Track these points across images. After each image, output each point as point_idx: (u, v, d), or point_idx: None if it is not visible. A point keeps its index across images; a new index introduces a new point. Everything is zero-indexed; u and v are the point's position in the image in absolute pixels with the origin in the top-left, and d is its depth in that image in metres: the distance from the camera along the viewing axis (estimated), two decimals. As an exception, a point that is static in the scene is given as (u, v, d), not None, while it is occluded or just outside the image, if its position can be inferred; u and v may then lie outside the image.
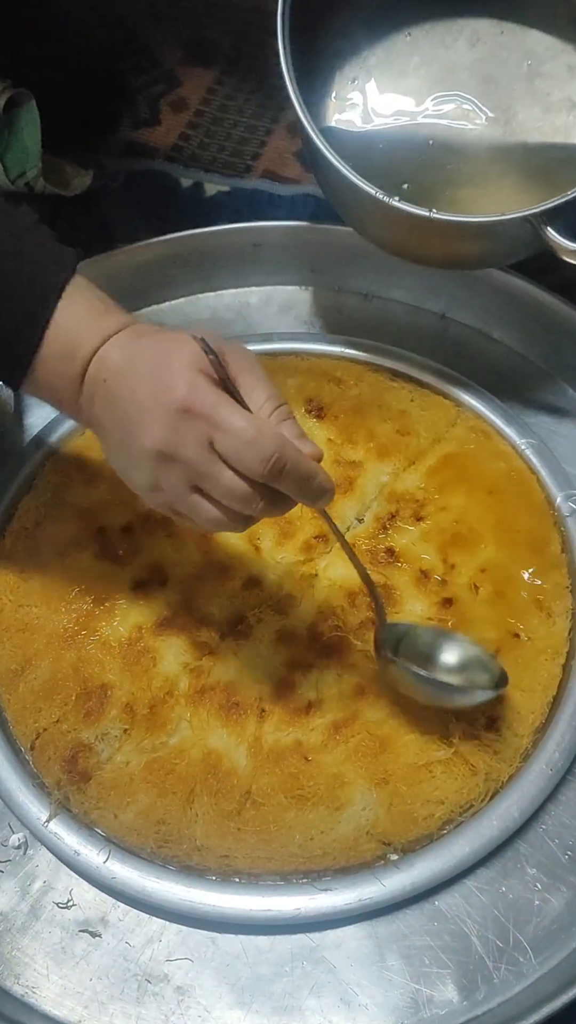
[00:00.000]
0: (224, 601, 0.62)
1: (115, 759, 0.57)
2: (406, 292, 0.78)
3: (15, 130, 0.78)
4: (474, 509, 0.65)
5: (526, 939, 0.52)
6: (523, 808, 0.55)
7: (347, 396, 0.71)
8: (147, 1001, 0.52)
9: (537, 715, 0.58)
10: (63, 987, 0.52)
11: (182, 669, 0.60)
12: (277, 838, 0.54)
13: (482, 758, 0.56)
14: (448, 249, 0.68)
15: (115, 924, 0.54)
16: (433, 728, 0.56)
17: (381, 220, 0.66)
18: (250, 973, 0.52)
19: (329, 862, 0.54)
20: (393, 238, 0.69)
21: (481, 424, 0.71)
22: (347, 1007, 0.51)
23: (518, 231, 0.62)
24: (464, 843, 0.54)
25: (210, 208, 0.86)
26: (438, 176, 0.69)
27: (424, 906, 0.53)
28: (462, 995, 0.51)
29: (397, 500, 0.66)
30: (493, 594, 0.61)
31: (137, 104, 0.92)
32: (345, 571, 0.63)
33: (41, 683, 0.60)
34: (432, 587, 0.62)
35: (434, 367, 0.74)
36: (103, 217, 0.86)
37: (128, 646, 0.60)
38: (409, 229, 0.65)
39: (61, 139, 0.81)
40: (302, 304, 0.80)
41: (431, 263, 0.72)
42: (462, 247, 0.68)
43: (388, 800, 0.55)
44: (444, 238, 0.66)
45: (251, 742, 0.57)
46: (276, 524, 0.65)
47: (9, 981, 0.53)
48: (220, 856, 0.54)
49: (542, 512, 0.66)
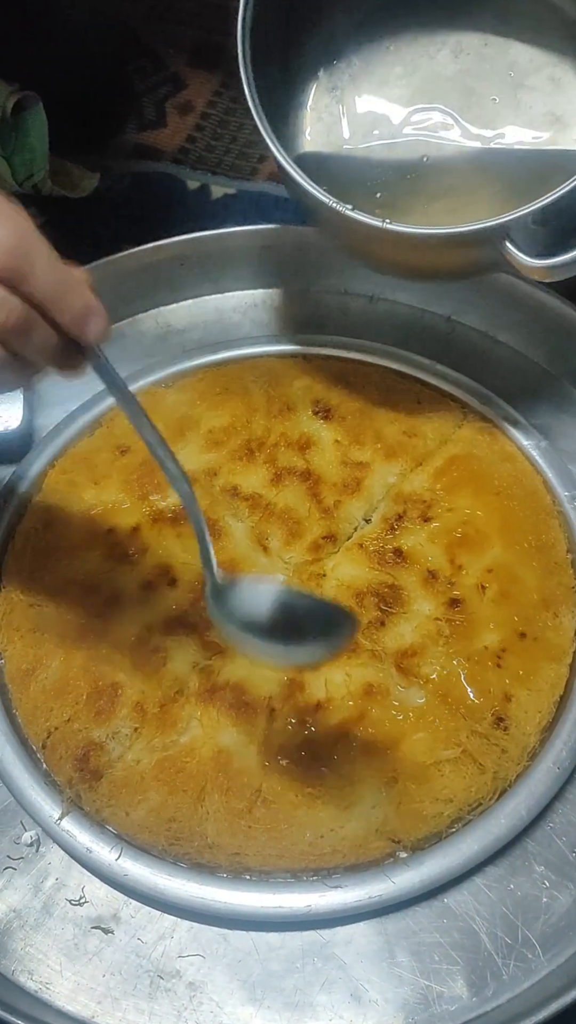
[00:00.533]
0: (233, 601, 0.63)
1: (126, 757, 0.58)
2: (412, 295, 0.79)
3: (23, 133, 0.78)
4: (481, 510, 0.65)
5: (535, 936, 0.53)
6: (531, 806, 0.55)
7: (354, 398, 0.72)
8: (159, 997, 0.52)
9: (544, 714, 0.58)
10: (76, 983, 0.53)
11: (192, 668, 0.60)
12: (288, 836, 0.54)
13: (490, 757, 0.56)
14: (410, 260, 0.67)
15: (127, 921, 0.55)
16: (441, 726, 0.57)
17: (342, 229, 0.65)
18: (261, 969, 0.53)
19: (339, 859, 0.54)
20: (356, 247, 0.68)
21: (487, 426, 0.71)
22: (357, 1003, 0.52)
23: (482, 245, 0.60)
24: (473, 841, 0.54)
25: (216, 210, 0.87)
26: (413, 187, 0.68)
27: (433, 903, 0.54)
28: (471, 991, 0.51)
29: (404, 501, 0.66)
30: (500, 594, 0.62)
31: (143, 106, 0.93)
32: (353, 571, 0.63)
33: (52, 682, 0.60)
34: (440, 587, 0.62)
35: (440, 369, 0.74)
36: (110, 219, 0.86)
37: (138, 646, 0.61)
38: (368, 239, 0.63)
39: (68, 141, 0.81)
40: (308, 306, 0.80)
41: (397, 273, 0.71)
42: (424, 259, 0.66)
43: (397, 798, 0.55)
44: (404, 249, 0.64)
45: (261, 741, 0.57)
46: (284, 524, 0.66)
47: (23, 977, 0.53)
48: (231, 853, 0.55)
49: (549, 513, 0.66)
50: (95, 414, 0.74)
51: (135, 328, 0.80)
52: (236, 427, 0.71)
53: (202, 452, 0.70)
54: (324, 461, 0.69)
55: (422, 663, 0.59)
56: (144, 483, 0.68)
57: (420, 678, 0.59)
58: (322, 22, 0.70)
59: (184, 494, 0.53)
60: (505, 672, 0.59)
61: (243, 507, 0.67)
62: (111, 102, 0.92)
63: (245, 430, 0.70)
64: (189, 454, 0.70)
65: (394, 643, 0.60)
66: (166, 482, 0.67)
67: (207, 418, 0.71)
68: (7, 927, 0.55)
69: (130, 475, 0.68)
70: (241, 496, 0.67)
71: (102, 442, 0.72)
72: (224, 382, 0.74)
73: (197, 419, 0.71)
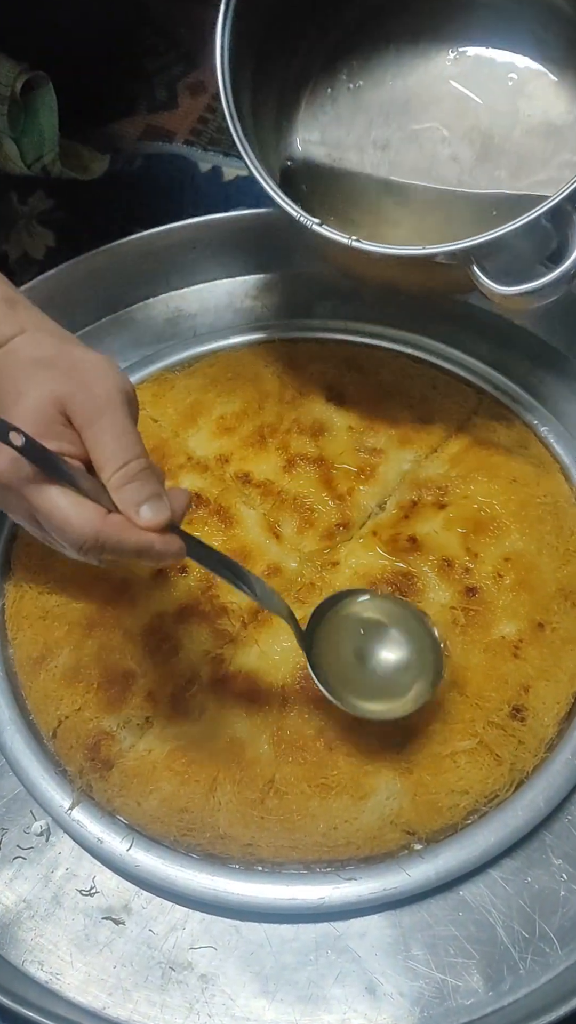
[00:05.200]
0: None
1: (137, 747, 0.57)
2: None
3: (32, 113, 0.77)
4: (497, 497, 0.64)
5: (552, 930, 0.52)
6: (549, 798, 0.55)
7: (368, 383, 0.71)
8: (171, 989, 0.52)
9: (563, 705, 0.57)
10: (87, 974, 0.52)
11: (203, 657, 0.59)
12: (301, 827, 0.54)
13: (507, 748, 0.55)
14: (385, 276, 0.65)
15: (138, 912, 0.54)
16: (457, 717, 0.56)
17: (316, 241, 0.62)
18: (274, 961, 0.52)
19: (353, 851, 0.53)
20: (332, 258, 0.66)
21: (504, 412, 0.70)
22: (372, 996, 0.51)
23: (452, 268, 0.57)
24: (489, 833, 0.53)
25: (229, 192, 0.85)
26: (404, 199, 0.66)
27: (449, 896, 0.53)
28: (487, 985, 0.51)
29: (419, 488, 0.65)
30: (517, 583, 0.61)
31: (154, 87, 0.91)
32: (367, 559, 0.62)
33: (62, 671, 0.60)
34: (456, 576, 0.61)
35: (456, 354, 0.73)
36: (120, 202, 0.85)
37: (149, 634, 0.60)
38: (338, 252, 0.61)
39: (78, 122, 0.80)
40: (321, 290, 0.79)
41: (368, 284, 0.69)
42: (399, 276, 0.64)
43: (412, 790, 0.54)
44: (375, 266, 0.61)
45: (273, 730, 0.57)
46: (297, 512, 0.65)
47: (33, 968, 0.53)
48: (243, 845, 0.54)
49: (567, 500, 0.65)
50: (105, 400, 0.73)
51: (146, 313, 0.79)
52: (248, 413, 0.70)
53: (213, 438, 0.69)
54: (337, 447, 0.67)
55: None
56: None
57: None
58: (321, 23, 0.68)
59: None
60: (522, 662, 0.58)
61: (255, 494, 0.66)
62: (121, 82, 0.91)
63: (257, 416, 0.69)
64: (200, 440, 0.69)
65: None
66: (175, 469, 0.67)
67: (218, 404, 0.70)
68: (17, 917, 0.54)
69: (141, 461, 0.67)
70: (253, 483, 0.66)
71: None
72: (236, 367, 0.73)
73: (209, 405, 0.70)
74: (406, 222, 0.66)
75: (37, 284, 0.74)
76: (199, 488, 0.66)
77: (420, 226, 0.65)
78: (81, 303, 0.77)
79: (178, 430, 0.70)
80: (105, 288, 0.77)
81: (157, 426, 0.70)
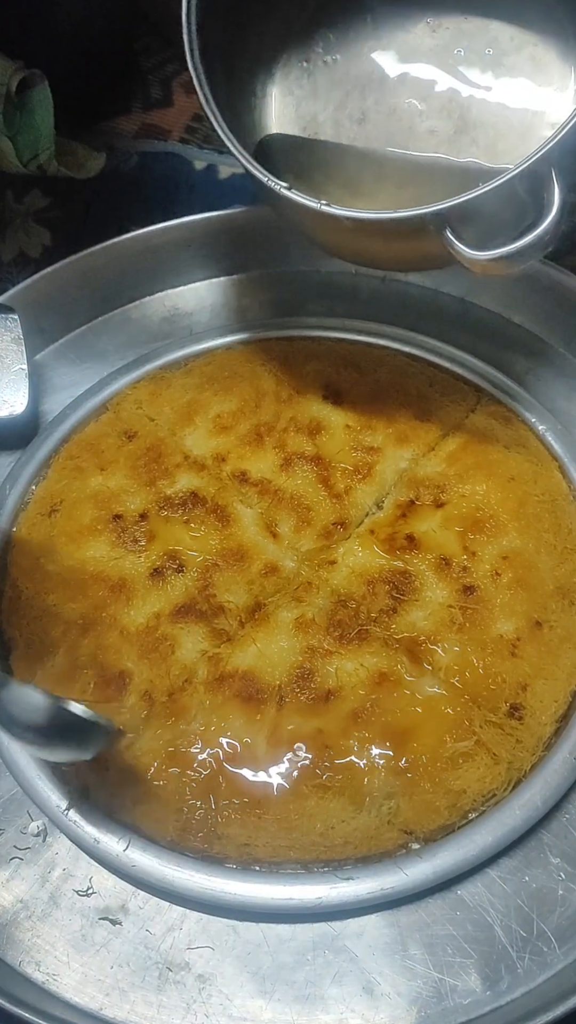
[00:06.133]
0: (242, 588, 0.62)
1: (134, 747, 0.57)
2: (424, 275, 0.77)
3: (27, 112, 0.77)
4: (495, 496, 0.64)
5: (550, 929, 0.52)
6: (546, 797, 0.54)
7: (365, 381, 0.71)
8: (168, 989, 0.51)
9: (560, 703, 0.57)
10: (84, 975, 0.52)
11: (200, 656, 0.59)
12: (298, 827, 0.54)
13: (504, 747, 0.55)
14: (360, 246, 0.64)
15: (135, 912, 0.54)
16: (455, 716, 0.56)
17: (287, 210, 0.61)
18: (271, 961, 0.52)
19: (351, 851, 0.53)
20: (305, 230, 0.65)
21: (501, 410, 0.70)
22: (369, 996, 0.51)
23: (425, 235, 0.56)
24: (487, 832, 0.53)
25: (224, 190, 0.85)
26: (380, 173, 0.66)
27: (446, 895, 0.53)
28: (485, 985, 0.50)
29: (417, 486, 0.65)
30: (515, 581, 0.61)
31: (149, 85, 0.91)
32: (364, 558, 0.62)
33: (59, 670, 0.59)
34: (453, 574, 0.61)
35: (453, 352, 0.73)
36: (116, 200, 0.85)
37: (146, 633, 0.60)
38: (315, 222, 0.60)
39: (74, 121, 0.80)
40: (318, 288, 0.79)
41: (345, 258, 0.68)
42: (373, 246, 0.63)
43: (410, 789, 0.54)
44: (349, 235, 0.60)
45: (270, 730, 0.56)
46: (294, 510, 0.64)
47: (30, 968, 0.52)
48: (240, 844, 0.54)
49: (565, 498, 0.65)
50: (101, 399, 0.73)
51: (142, 311, 0.79)
52: (245, 411, 0.69)
53: (210, 437, 0.69)
54: (334, 446, 0.67)
55: (435, 651, 0.58)
56: (151, 469, 0.67)
57: (433, 667, 0.57)
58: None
59: None
60: (520, 661, 0.58)
61: (252, 493, 0.66)
62: (117, 81, 0.91)
63: (254, 415, 0.69)
64: (197, 439, 0.69)
65: (406, 631, 0.59)
66: (172, 468, 0.67)
67: (215, 402, 0.70)
68: (14, 918, 0.54)
69: (137, 461, 0.67)
70: (250, 482, 0.66)
71: (108, 427, 0.71)
72: (232, 366, 0.73)
73: (205, 403, 0.70)
74: (383, 195, 0.65)
75: (33, 283, 0.74)
76: (196, 487, 0.66)
77: (397, 197, 0.64)
78: (77, 301, 0.77)
79: (175, 429, 0.69)
80: (101, 286, 0.77)
81: (154, 425, 0.70)
